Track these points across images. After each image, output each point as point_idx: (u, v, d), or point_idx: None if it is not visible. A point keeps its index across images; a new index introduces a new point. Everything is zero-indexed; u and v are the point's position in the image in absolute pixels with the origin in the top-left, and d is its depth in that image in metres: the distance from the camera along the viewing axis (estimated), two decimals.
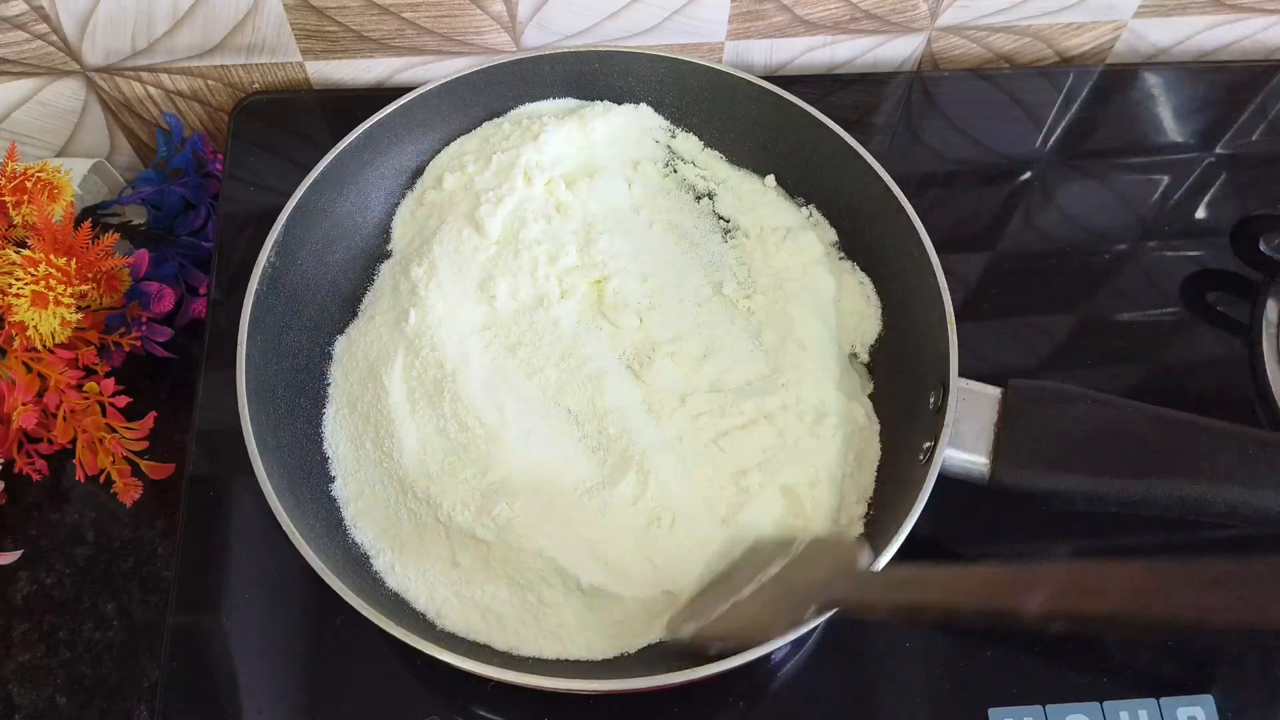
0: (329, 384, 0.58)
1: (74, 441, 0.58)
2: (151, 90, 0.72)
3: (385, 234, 0.64)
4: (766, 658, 0.51)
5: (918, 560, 0.42)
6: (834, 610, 0.42)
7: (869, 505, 0.54)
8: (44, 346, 0.58)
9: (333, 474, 0.55)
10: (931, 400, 0.52)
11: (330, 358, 0.59)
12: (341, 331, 0.60)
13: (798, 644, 0.54)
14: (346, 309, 0.61)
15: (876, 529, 0.52)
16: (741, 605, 0.46)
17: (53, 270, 0.56)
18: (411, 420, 0.54)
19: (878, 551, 0.46)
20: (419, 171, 0.65)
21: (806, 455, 0.54)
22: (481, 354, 0.56)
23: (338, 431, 0.56)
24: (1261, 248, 0.65)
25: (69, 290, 0.57)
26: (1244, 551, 0.58)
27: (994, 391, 0.52)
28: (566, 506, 0.53)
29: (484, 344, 0.57)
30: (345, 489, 0.54)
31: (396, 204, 0.64)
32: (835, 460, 0.55)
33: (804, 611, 0.42)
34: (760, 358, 0.58)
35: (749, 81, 0.63)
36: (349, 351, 0.58)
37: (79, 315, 0.58)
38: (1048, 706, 0.52)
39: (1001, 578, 0.36)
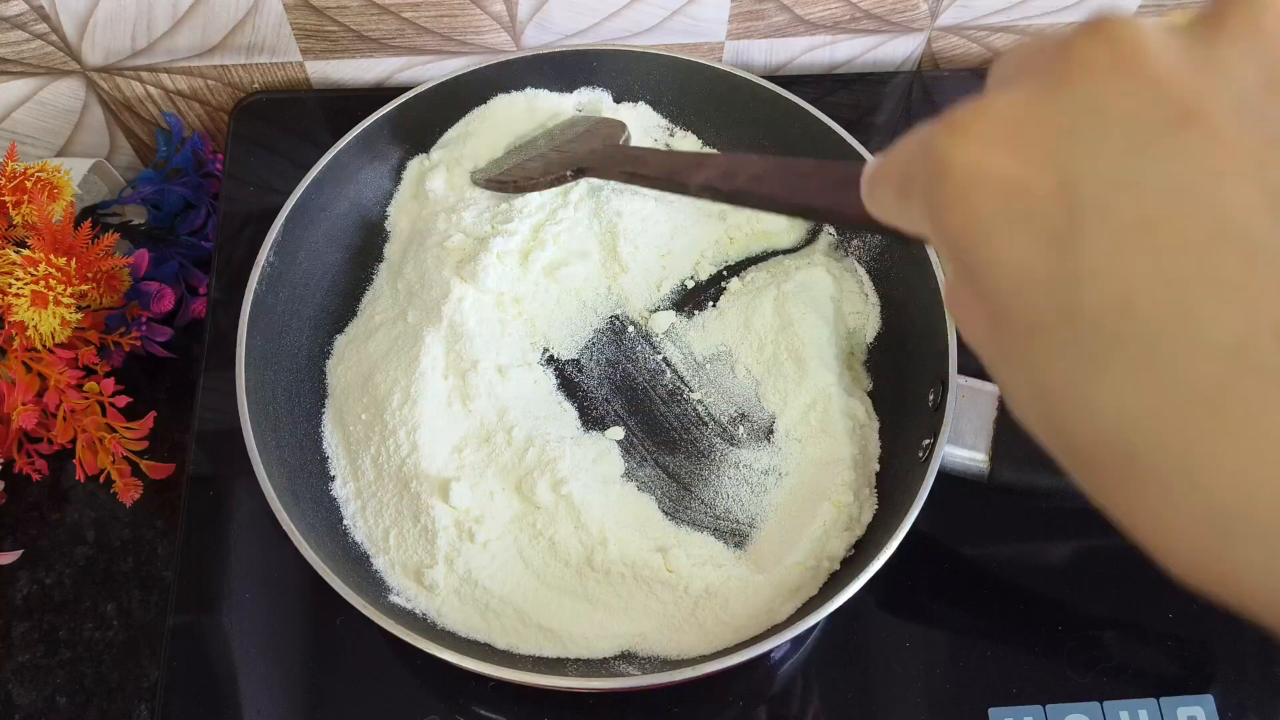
0: (328, 383, 0.58)
1: (74, 441, 0.58)
2: (151, 90, 0.72)
3: (384, 233, 0.64)
4: (766, 657, 0.51)
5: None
6: (582, 173, 0.55)
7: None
8: (44, 346, 0.58)
9: (332, 473, 0.55)
10: (931, 397, 0.52)
11: (330, 356, 0.59)
12: (341, 331, 0.60)
13: (797, 643, 0.54)
14: (346, 308, 0.61)
15: (877, 525, 0.52)
16: (524, 163, 0.59)
17: (53, 270, 0.56)
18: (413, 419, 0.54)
19: (879, 548, 0.46)
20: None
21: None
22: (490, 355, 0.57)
23: (336, 431, 0.56)
24: None
25: (69, 290, 0.57)
26: None
27: (993, 389, 0.52)
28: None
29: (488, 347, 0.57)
30: (344, 488, 0.54)
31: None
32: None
33: (564, 171, 0.56)
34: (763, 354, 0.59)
35: (749, 81, 0.63)
36: (347, 350, 0.58)
37: (79, 315, 0.59)
38: (1048, 706, 0.52)
39: (685, 162, 0.48)
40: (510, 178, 0.58)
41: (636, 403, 0.58)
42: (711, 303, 0.61)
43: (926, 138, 0.23)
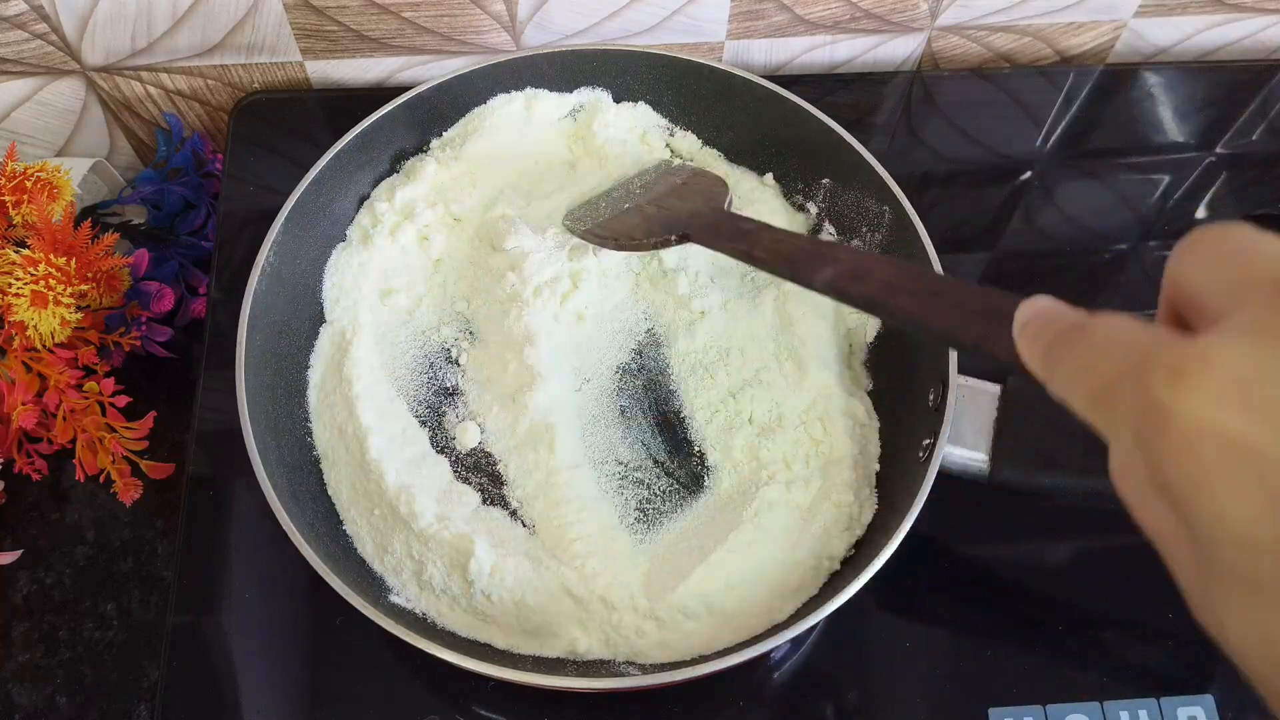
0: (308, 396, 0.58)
1: (74, 441, 0.58)
2: (151, 90, 0.72)
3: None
4: (765, 656, 0.51)
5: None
6: (687, 238, 0.52)
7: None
8: (44, 346, 0.58)
9: (327, 478, 0.55)
10: (931, 397, 0.52)
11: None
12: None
13: (797, 643, 0.54)
14: None
15: (877, 525, 0.52)
16: (623, 217, 0.56)
17: (52, 270, 0.56)
18: (370, 416, 0.55)
19: (879, 548, 0.46)
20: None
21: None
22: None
23: (321, 433, 0.56)
24: None
25: (69, 290, 0.57)
26: None
27: (993, 388, 0.52)
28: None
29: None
30: (333, 487, 0.55)
31: None
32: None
33: (668, 235, 0.53)
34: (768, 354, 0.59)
35: (748, 80, 0.63)
36: (323, 347, 0.59)
37: (79, 315, 0.59)
38: (1048, 706, 0.52)
39: (808, 249, 0.45)
40: (609, 233, 0.56)
41: (644, 400, 0.58)
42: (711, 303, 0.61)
43: (1139, 368, 0.22)
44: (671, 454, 0.56)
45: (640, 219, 0.55)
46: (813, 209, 0.64)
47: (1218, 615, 0.23)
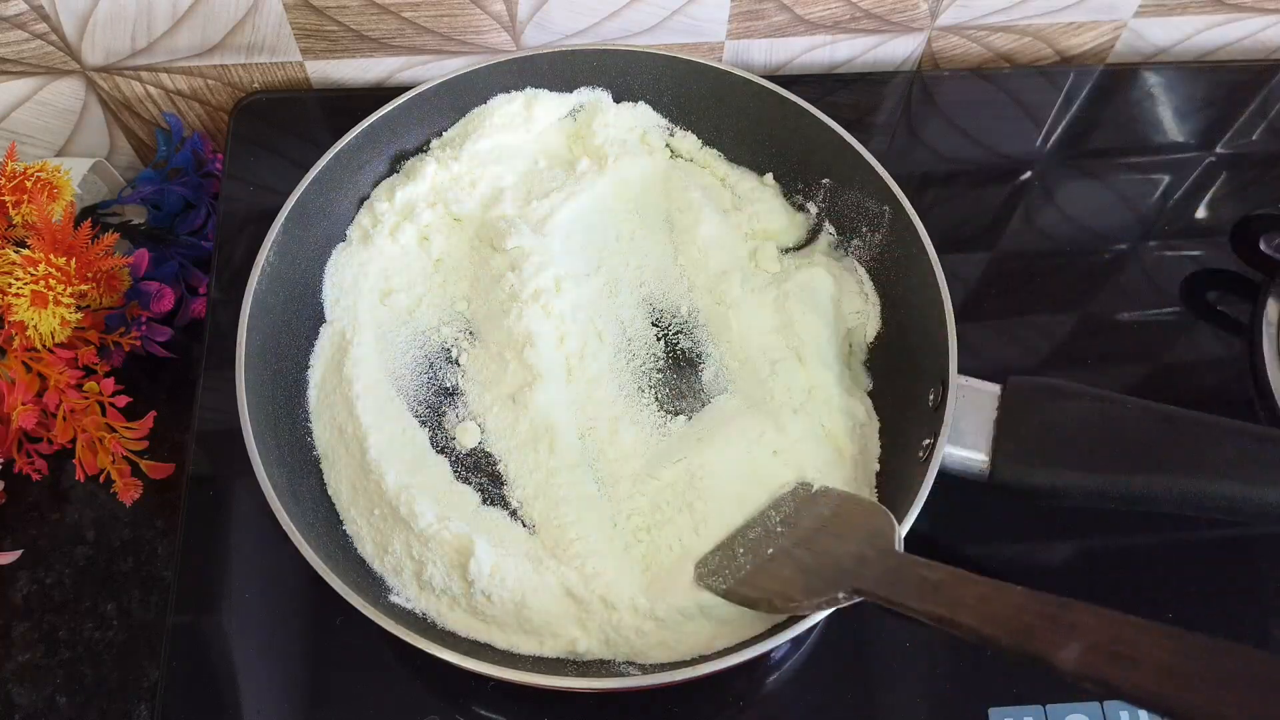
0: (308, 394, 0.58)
1: (74, 441, 0.58)
2: (151, 90, 0.72)
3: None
4: (766, 656, 0.51)
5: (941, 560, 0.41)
6: (860, 593, 0.41)
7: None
8: (44, 346, 0.58)
9: (327, 479, 0.55)
10: (931, 397, 0.52)
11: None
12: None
13: (797, 643, 0.54)
14: None
15: None
16: (771, 567, 0.46)
17: (52, 270, 0.56)
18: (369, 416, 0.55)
19: None
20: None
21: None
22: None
23: (321, 433, 0.56)
24: (1261, 247, 0.65)
25: (69, 290, 0.57)
26: (1245, 551, 0.58)
27: (993, 388, 0.52)
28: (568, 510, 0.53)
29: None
30: (333, 487, 0.55)
31: None
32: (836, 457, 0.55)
33: (835, 592, 0.42)
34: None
35: (748, 80, 0.63)
36: (323, 347, 0.59)
37: (79, 315, 0.58)
38: (1048, 706, 0.52)
39: (1037, 613, 0.34)
40: (759, 593, 0.46)
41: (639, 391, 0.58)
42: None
43: None
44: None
45: (793, 570, 0.45)
46: (813, 209, 0.64)
47: None
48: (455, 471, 0.55)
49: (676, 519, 0.52)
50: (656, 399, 0.58)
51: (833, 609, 0.43)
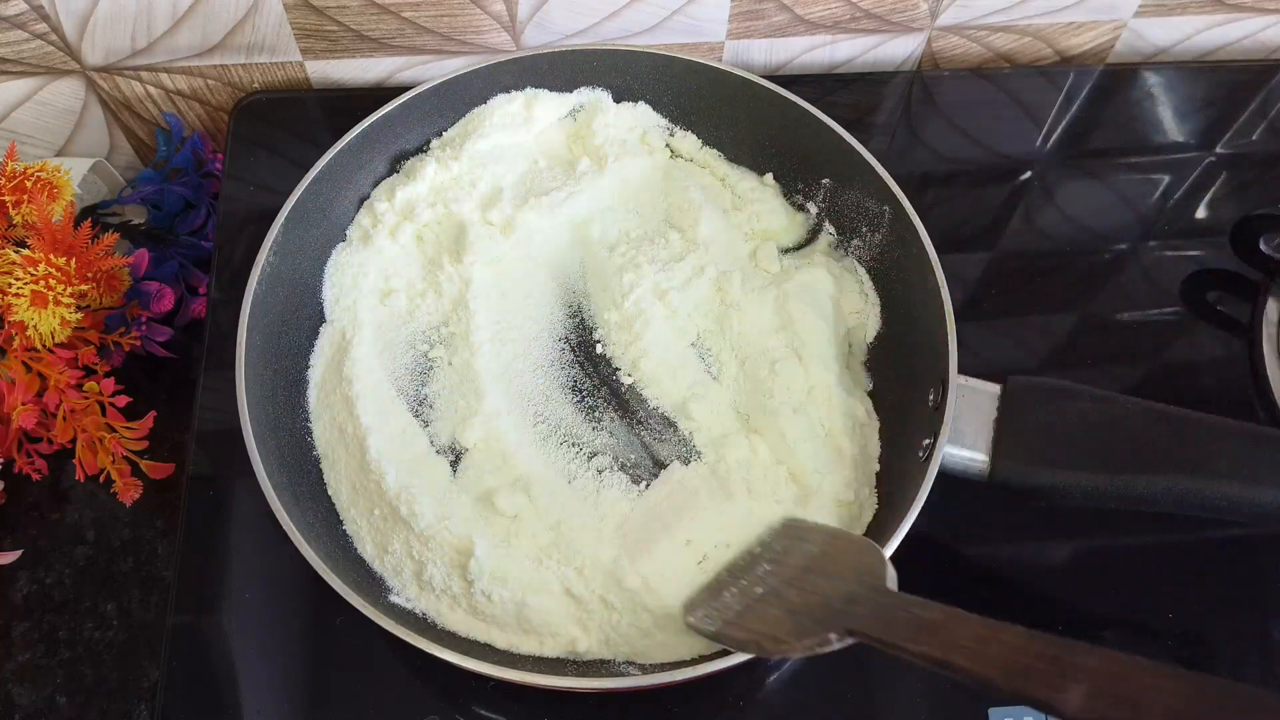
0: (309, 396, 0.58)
1: (74, 441, 0.58)
2: (151, 90, 0.72)
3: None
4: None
5: (940, 597, 0.40)
6: (852, 634, 0.40)
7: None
8: (44, 346, 0.58)
9: (327, 479, 0.55)
10: (931, 397, 0.52)
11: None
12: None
13: None
14: None
15: (877, 525, 0.52)
16: (759, 607, 0.45)
17: (52, 270, 0.56)
18: (370, 418, 0.55)
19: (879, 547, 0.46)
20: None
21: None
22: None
23: (322, 433, 0.56)
24: (1261, 247, 0.65)
25: (69, 290, 0.57)
26: (1245, 551, 0.58)
27: (993, 388, 0.52)
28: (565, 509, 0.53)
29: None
30: (333, 487, 0.55)
31: None
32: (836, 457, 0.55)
33: (827, 633, 0.41)
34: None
35: (748, 80, 0.63)
36: (323, 347, 0.59)
37: (79, 315, 0.58)
38: None
39: (1037, 654, 0.33)
40: (748, 635, 0.44)
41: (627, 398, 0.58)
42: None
43: None
44: (663, 447, 0.56)
45: (782, 610, 0.44)
46: (813, 209, 0.64)
47: None
48: (455, 471, 0.55)
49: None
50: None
51: (826, 650, 0.41)
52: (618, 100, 0.66)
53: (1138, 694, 0.29)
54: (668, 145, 0.67)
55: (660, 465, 0.56)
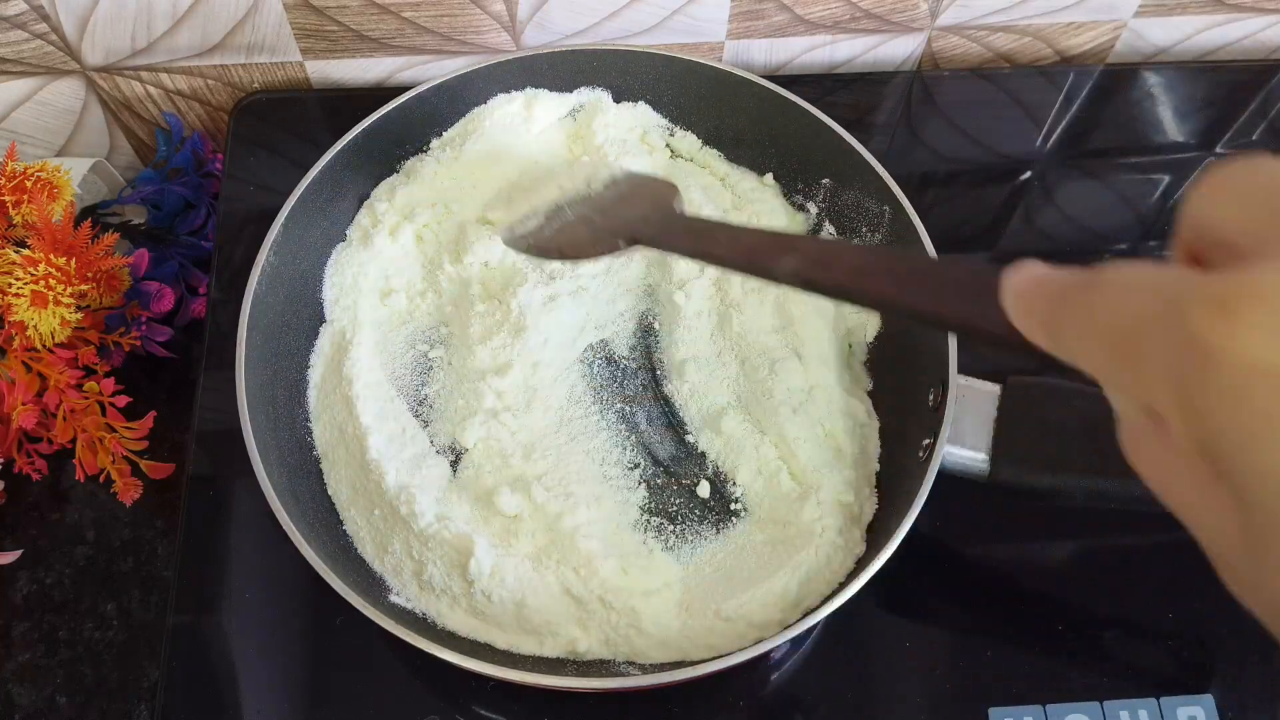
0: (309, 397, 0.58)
1: (74, 441, 0.58)
2: (151, 90, 0.72)
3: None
4: (765, 656, 0.51)
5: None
6: (638, 243, 0.48)
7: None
8: (44, 346, 0.58)
9: (327, 479, 0.55)
10: (931, 397, 0.52)
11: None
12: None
13: (796, 643, 0.54)
14: None
15: (877, 525, 0.52)
16: (567, 229, 0.53)
17: (52, 270, 0.56)
18: (369, 416, 0.55)
19: (879, 548, 0.46)
20: None
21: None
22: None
23: (321, 433, 0.56)
24: None
25: (69, 290, 0.57)
26: None
27: (993, 388, 0.52)
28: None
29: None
30: (333, 487, 0.55)
31: None
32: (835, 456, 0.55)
33: (616, 240, 0.49)
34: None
35: (748, 80, 0.63)
36: (323, 347, 0.59)
37: (79, 315, 0.58)
38: (1048, 706, 0.52)
39: (769, 241, 0.41)
40: (554, 244, 0.52)
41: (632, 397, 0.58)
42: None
43: (1172, 308, 0.19)
44: (681, 465, 0.56)
45: (586, 230, 0.52)
46: (813, 209, 0.64)
47: (1271, 591, 0.20)
48: (455, 471, 0.55)
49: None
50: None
51: (615, 254, 0.49)
52: (618, 100, 0.66)
53: (832, 259, 0.37)
54: (668, 145, 0.67)
55: (660, 465, 0.56)
